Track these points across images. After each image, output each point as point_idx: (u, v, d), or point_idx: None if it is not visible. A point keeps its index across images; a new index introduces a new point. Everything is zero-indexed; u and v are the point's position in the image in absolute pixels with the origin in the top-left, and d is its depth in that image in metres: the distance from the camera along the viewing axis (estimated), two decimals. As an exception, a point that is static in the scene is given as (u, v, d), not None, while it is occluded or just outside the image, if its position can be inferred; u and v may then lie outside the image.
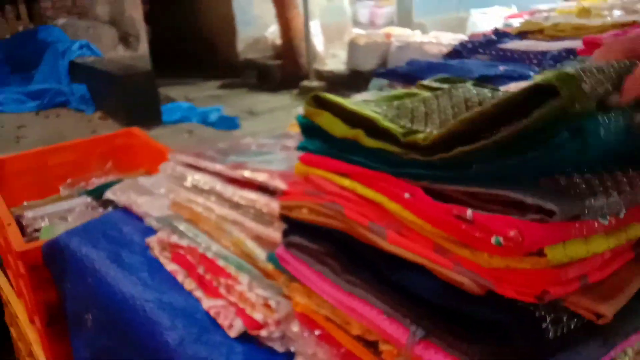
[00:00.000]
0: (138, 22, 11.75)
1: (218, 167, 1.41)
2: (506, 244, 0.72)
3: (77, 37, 10.39)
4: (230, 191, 1.34)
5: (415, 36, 9.55)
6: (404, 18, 12.80)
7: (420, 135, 0.84)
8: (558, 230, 0.72)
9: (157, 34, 14.12)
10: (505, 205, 0.75)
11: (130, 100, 7.00)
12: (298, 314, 1.15)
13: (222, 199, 1.38)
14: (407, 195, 0.88)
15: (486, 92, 0.98)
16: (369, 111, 0.95)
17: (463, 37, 4.40)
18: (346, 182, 1.00)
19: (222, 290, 1.32)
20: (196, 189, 1.47)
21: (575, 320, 0.79)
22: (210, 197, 1.43)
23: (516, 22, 3.48)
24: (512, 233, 0.71)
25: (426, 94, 1.05)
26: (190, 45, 14.07)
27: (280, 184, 1.21)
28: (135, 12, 11.73)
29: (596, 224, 0.76)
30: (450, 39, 7.80)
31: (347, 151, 0.98)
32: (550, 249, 0.71)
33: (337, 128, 0.99)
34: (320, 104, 1.04)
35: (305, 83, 11.05)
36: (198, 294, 1.38)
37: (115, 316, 1.51)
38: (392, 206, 0.91)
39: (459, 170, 0.79)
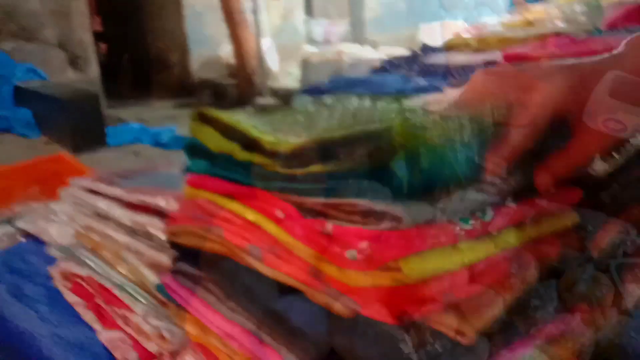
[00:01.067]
0: (87, 45, 11.51)
1: (117, 191, 1.34)
2: (360, 257, 0.68)
3: (24, 61, 10.09)
4: (126, 216, 1.28)
5: (366, 52, 9.68)
6: (357, 35, 12.98)
7: (284, 145, 0.81)
8: (410, 239, 0.68)
9: (110, 55, 13.83)
10: (364, 215, 0.72)
11: (75, 124, 6.80)
12: (193, 343, 1.09)
13: (119, 224, 1.31)
14: (279, 212, 0.84)
15: (367, 106, 0.96)
16: (245, 123, 0.91)
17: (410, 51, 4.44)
18: (227, 203, 0.95)
19: (119, 322, 1.25)
20: (96, 215, 1.40)
21: (444, 341, 0.75)
22: (109, 223, 1.36)
23: (465, 36, 3.53)
24: (362, 245, 0.67)
25: (307, 108, 1.03)
26: (143, 65, 13.88)
27: (176, 207, 1.16)
28: (84, 34, 11.48)
29: (458, 229, 0.73)
30: (399, 53, 7.92)
31: (227, 168, 0.94)
32: (405, 262, 0.68)
33: (217, 143, 0.95)
34: (205, 119, 1.00)
35: (260, 101, 11.03)
36: (96, 326, 1.30)
37: (12, 354, 1.41)
38: (269, 226, 0.87)
39: (318, 183, 0.76)
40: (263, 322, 0.87)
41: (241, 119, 0.95)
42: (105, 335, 1.27)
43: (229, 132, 0.93)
